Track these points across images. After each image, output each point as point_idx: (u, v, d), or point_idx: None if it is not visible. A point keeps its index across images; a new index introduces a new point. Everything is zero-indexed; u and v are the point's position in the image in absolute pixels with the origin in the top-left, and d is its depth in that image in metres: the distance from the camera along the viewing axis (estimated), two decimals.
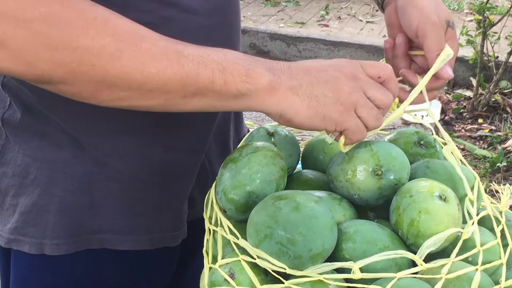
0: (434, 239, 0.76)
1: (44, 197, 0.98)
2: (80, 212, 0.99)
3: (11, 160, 1.00)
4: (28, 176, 0.99)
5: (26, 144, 0.98)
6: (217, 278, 0.78)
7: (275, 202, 0.76)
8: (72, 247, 1.00)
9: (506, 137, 3.64)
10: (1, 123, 1.00)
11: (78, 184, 0.98)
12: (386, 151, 0.84)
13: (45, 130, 0.96)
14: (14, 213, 1.01)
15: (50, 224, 0.99)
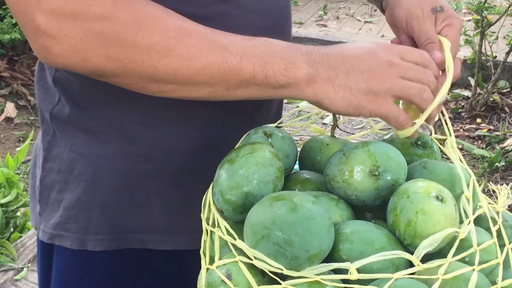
0: (431, 240, 0.76)
1: (87, 193, 1.00)
2: (122, 210, 1.01)
3: (58, 156, 1.03)
4: (73, 171, 1.01)
5: (73, 139, 1.01)
6: (214, 279, 0.78)
7: (272, 203, 0.76)
8: (114, 244, 1.02)
9: (505, 136, 3.65)
10: (50, 118, 1.03)
11: (121, 181, 1.00)
12: (383, 152, 0.84)
13: (92, 125, 0.99)
14: (59, 209, 1.03)
15: (93, 220, 1.01)
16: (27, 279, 2.40)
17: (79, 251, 1.02)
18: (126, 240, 1.02)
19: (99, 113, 0.98)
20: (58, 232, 1.03)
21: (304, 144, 0.99)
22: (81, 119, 0.99)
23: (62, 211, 1.02)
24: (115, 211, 1.01)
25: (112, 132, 0.98)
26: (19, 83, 4.09)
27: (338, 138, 0.99)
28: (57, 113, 1.01)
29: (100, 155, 0.99)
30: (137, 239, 1.02)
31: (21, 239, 2.56)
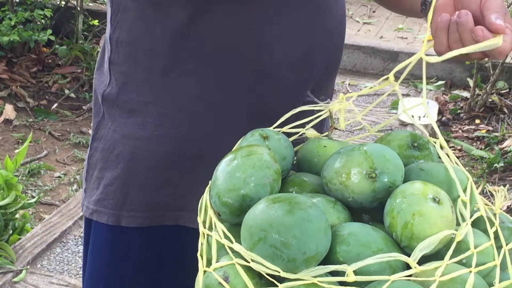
0: (428, 242, 0.75)
1: (126, 172, 1.07)
2: (157, 189, 1.07)
3: (103, 136, 1.10)
4: (114, 151, 1.08)
5: (118, 121, 1.08)
6: (211, 282, 0.78)
7: (269, 205, 0.76)
8: (147, 221, 1.08)
9: (503, 137, 3.65)
10: (101, 100, 1.10)
11: (157, 162, 1.06)
12: (380, 154, 0.84)
13: (135, 107, 1.06)
14: (99, 186, 1.10)
15: (129, 198, 1.07)
16: (25, 282, 2.40)
17: (115, 226, 1.09)
18: (160, 217, 1.08)
19: (141, 95, 1.05)
20: (98, 208, 1.10)
21: (301, 147, 0.99)
22: (126, 101, 1.06)
23: (102, 188, 1.10)
24: (150, 189, 1.07)
25: (150, 115, 1.05)
26: (18, 85, 4.09)
27: (335, 140, 0.99)
28: (107, 95, 1.09)
29: (138, 137, 1.06)
30: (170, 216, 1.07)
31: (19, 241, 2.56)
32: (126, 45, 1.06)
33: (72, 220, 2.71)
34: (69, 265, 2.50)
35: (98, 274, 1.14)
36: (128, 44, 1.05)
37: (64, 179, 3.33)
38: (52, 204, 3.12)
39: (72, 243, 2.63)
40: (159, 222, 1.08)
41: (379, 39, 4.74)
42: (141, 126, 1.06)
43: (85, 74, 4.24)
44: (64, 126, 3.87)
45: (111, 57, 1.08)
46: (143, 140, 1.06)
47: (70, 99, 4.16)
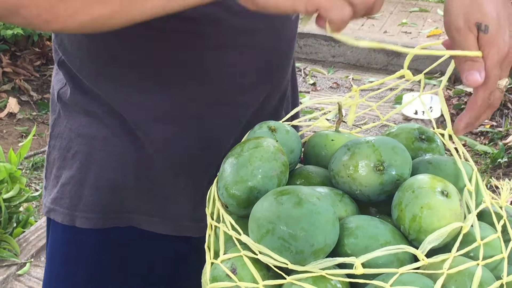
0: (436, 234, 0.75)
1: (81, 171, 1.05)
2: (113, 190, 1.05)
3: (59, 134, 1.08)
4: (70, 150, 1.06)
5: (73, 119, 1.06)
6: (219, 274, 0.78)
7: (277, 198, 0.76)
8: (101, 222, 1.06)
9: (507, 132, 3.64)
10: (56, 98, 1.08)
11: (113, 163, 1.04)
12: (387, 147, 0.84)
13: (89, 108, 1.03)
14: (57, 185, 1.09)
15: (84, 198, 1.05)
16: (30, 274, 2.40)
17: (69, 227, 1.06)
18: (114, 219, 1.06)
19: (95, 96, 1.02)
20: (54, 206, 1.08)
21: (308, 139, 0.99)
22: (80, 101, 1.04)
23: (59, 187, 1.08)
24: (106, 190, 1.05)
25: (106, 115, 1.03)
26: (22, 78, 4.09)
27: (343, 133, 0.99)
28: (62, 94, 1.07)
29: (94, 136, 1.04)
30: (124, 218, 1.05)
31: (23, 234, 2.56)
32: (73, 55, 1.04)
33: None
34: None
35: (55, 273, 1.12)
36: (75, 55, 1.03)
37: None
38: None
39: None
40: (113, 224, 1.06)
41: (383, 33, 4.73)
42: (97, 126, 1.04)
43: None
44: None
45: (60, 58, 1.06)
46: (99, 139, 1.04)
47: None
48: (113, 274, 1.10)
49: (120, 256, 1.09)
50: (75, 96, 1.05)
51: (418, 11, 5.22)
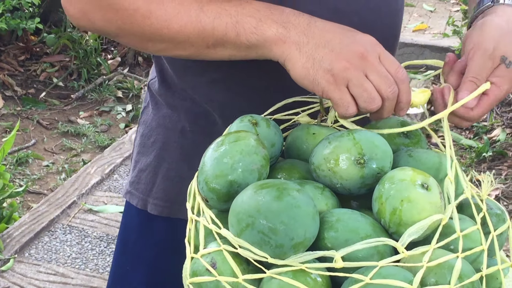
0: (416, 227, 0.75)
1: (157, 160, 1.13)
2: (180, 182, 1.09)
3: (145, 121, 1.17)
4: (150, 138, 1.14)
5: (157, 109, 1.14)
6: (199, 268, 0.78)
7: (257, 191, 0.76)
8: (166, 211, 1.13)
9: (492, 127, 3.66)
10: (147, 88, 1.18)
11: (184, 156, 1.10)
12: (368, 140, 0.84)
13: (171, 101, 1.10)
14: (135, 169, 1.17)
15: (156, 185, 1.13)
16: (13, 270, 2.39)
17: (143, 211, 1.14)
18: (176, 210, 1.11)
19: (179, 90, 1.08)
20: (131, 189, 1.17)
21: (290, 133, 0.99)
22: (164, 94, 1.11)
23: (137, 172, 1.16)
24: (175, 181, 1.11)
25: (184, 110, 1.09)
26: (6, 73, 4.06)
27: (324, 127, 0.98)
28: (151, 85, 1.16)
29: (172, 128, 1.11)
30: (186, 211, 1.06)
31: (7, 230, 2.55)
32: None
33: (60, 209, 2.70)
34: (57, 253, 2.49)
35: (128, 253, 1.21)
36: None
37: (52, 168, 3.32)
38: (40, 193, 3.10)
39: (60, 232, 2.62)
40: (176, 215, 1.11)
41: None
42: (175, 118, 1.10)
43: (73, 62, 4.21)
44: (52, 115, 3.85)
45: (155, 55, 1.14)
46: (176, 131, 1.11)
47: (59, 88, 4.13)
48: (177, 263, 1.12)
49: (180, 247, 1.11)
50: (161, 88, 1.12)
51: (404, 6, 5.23)
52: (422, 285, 0.73)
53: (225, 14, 0.88)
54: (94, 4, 0.92)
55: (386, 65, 0.86)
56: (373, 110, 0.86)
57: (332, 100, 0.85)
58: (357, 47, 0.85)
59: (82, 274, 2.39)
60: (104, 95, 4.06)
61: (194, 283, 0.78)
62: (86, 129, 3.68)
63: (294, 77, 0.86)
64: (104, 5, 0.91)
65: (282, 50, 0.86)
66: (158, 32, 0.91)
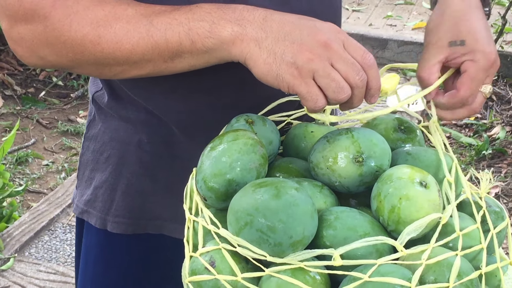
0: (415, 225, 0.75)
1: (114, 176, 1.07)
2: (143, 197, 1.06)
3: (94, 136, 1.11)
4: (104, 153, 1.08)
5: (107, 123, 1.08)
6: (198, 267, 0.78)
7: (256, 190, 0.76)
8: (131, 228, 1.08)
9: (492, 124, 3.66)
10: (92, 101, 1.11)
11: (145, 170, 1.05)
12: (366, 138, 0.84)
13: (124, 113, 1.05)
14: (90, 186, 1.11)
15: (115, 203, 1.07)
16: (13, 269, 2.39)
17: (103, 230, 1.09)
18: (144, 225, 1.07)
19: (132, 102, 1.03)
20: (87, 208, 1.10)
21: (288, 132, 0.99)
22: (116, 106, 1.05)
23: (92, 190, 1.10)
24: (136, 196, 1.06)
25: (140, 122, 1.03)
26: (5, 73, 4.06)
27: (322, 125, 0.98)
28: (97, 98, 1.09)
29: (128, 142, 1.05)
30: (155, 225, 1.06)
31: (7, 230, 2.55)
32: None
33: (60, 208, 2.70)
34: (57, 253, 2.49)
35: (89, 272, 1.15)
36: None
37: (52, 167, 3.32)
38: (40, 192, 3.10)
39: (60, 231, 2.62)
40: (143, 230, 1.08)
41: (368, 26, 4.73)
42: (131, 131, 1.05)
43: None
44: (52, 114, 3.85)
45: None
46: (132, 145, 1.05)
47: (58, 87, 4.13)
48: (143, 279, 1.11)
49: (151, 262, 1.09)
50: (110, 101, 1.06)
51: (403, 4, 5.23)
52: (421, 283, 0.72)
53: (176, 24, 0.83)
54: (40, 39, 0.86)
55: (352, 51, 0.80)
56: (343, 100, 0.80)
57: (299, 94, 0.80)
58: (319, 36, 0.79)
59: None
60: None
61: (193, 281, 0.78)
62: (85, 128, 3.67)
63: (257, 74, 0.81)
64: (51, 38, 0.85)
65: (241, 49, 0.81)
66: (111, 55, 0.85)
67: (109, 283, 1.13)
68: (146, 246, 1.09)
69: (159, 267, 1.10)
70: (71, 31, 0.84)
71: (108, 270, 1.13)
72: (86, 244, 1.15)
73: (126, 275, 1.12)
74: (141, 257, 1.10)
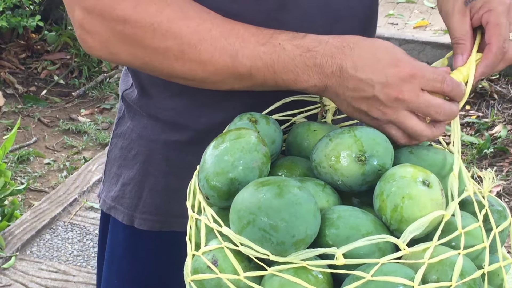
0: (417, 224, 0.75)
1: (141, 173, 1.09)
2: (170, 194, 1.07)
3: (122, 133, 1.12)
4: (132, 150, 1.10)
5: (136, 121, 1.09)
6: (200, 266, 0.78)
7: (258, 188, 0.76)
8: (157, 225, 1.09)
9: (493, 123, 3.66)
10: (122, 99, 1.13)
11: (170, 168, 1.06)
12: (369, 137, 0.84)
13: (153, 112, 1.06)
14: (117, 183, 1.12)
15: (142, 200, 1.09)
16: (15, 268, 2.39)
17: (129, 227, 1.10)
18: (170, 223, 1.08)
19: (160, 101, 1.05)
20: (115, 204, 1.12)
21: (291, 130, 0.98)
22: (145, 105, 1.07)
23: (120, 186, 1.11)
24: (163, 194, 1.08)
25: (168, 121, 1.05)
26: (7, 71, 4.06)
27: (325, 124, 0.98)
28: (127, 95, 1.10)
29: (155, 140, 1.06)
30: (181, 223, 1.05)
31: (9, 228, 2.55)
32: None
33: (61, 207, 2.70)
34: (59, 251, 2.50)
35: (115, 267, 1.17)
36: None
37: (54, 166, 3.32)
38: (42, 191, 3.11)
39: (61, 230, 2.62)
40: (169, 228, 1.09)
41: None
42: (159, 129, 1.06)
43: (74, 60, 4.21)
44: (54, 112, 3.85)
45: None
46: (159, 143, 1.06)
47: (60, 86, 4.13)
48: (168, 275, 1.11)
49: (176, 259, 1.09)
50: (140, 99, 1.07)
51: (405, 2, 5.22)
52: (424, 282, 0.72)
53: (262, 64, 0.87)
54: (118, 38, 0.88)
55: (429, 88, 0.85)
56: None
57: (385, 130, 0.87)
58: (391, 92, 0.84)
59: (83, 272, 2.40)
60: (105, 93, 4.06)
61: (195, 280, 0.78)
62: (87, 126, 3.68)
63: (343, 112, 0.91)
64: (130, 40, 0.88)
65: (324, 95, 0.91)
66: (192, 72, 0.89)
67: (134, 279, 1.15)
68: (172, 243, 1.10)
69: (183, 264, 1.11)
70: (154, 40, 0.87)
71: (134, 266, 1.14)
72: (112, 240, 1.17)
73: (151, 271, 1.13)
74: (167, 254, 1.11)
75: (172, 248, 1.10)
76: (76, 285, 2.33)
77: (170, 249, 1.11)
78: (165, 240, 1.10)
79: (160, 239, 1.10)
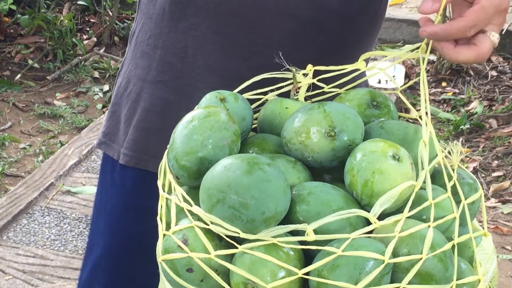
0: (387, 196, 0.75)
1: (130, 111, 1.14)
2: (150, 134, 1.12)
3: (123, 72, 1.17)
4: (127, 89, 1.15)
5: (133, 60, 1.14)
6: (171, 245, 0.77)
7: (227, 166, 0.75)
8: (133, 161, 1.13)
9: (469, 99, 3.68)
10: (130, 36, 1.17)
11: (153, 106, 1.11)
12: (339, 112, 0.83)
13: (145, 50, 1.11)
14: (111, 119, 1.18)
15: (128, 136, 1.14)
16: None
17: (116, 161, 1.15)
18: (145, 161, 1.12)
19: (152, 39, 1.09)
20: (105, 140, 1.18)
21: (263, 108, 0.98)
22: (142, 41, 1.12)
23: (113, 122, 1.17)
24: (144, 132, 1.12)
25: (156, 60, 1.09)
26: None
27: (297, 101, 0.97)
28: (132, 32, 1.16)
29: (144, 79, 1.11)
30: (155, 163, 1.07)
31: None
32: None
33: (38, 191, 2.68)
34: (36, 236, 2.48)
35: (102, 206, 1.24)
36: None
37: (29, 150, 3.29)
38: (17, 176, 3.08)
39: (38, 214, 2.60)
40: (144, 166, 1.12)
41: None
42: (147, 69, 1.11)
43: (48, 43, 4.16)
44: (28, 97, 3.81)
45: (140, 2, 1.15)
46: (147, 82, 1.11)
47: (34, 70, 4.08)
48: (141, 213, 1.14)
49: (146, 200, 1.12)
50: (140, 35, 1.12)
51: None
52: (395, 256, 0.72)
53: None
54: None
55: None
56: None
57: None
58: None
59: (61, 256, 2.38)
60: (81, 76, 4.02)
61: (166, 260, 0.78)
62: (63, 110, 3.64)
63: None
64: None
65: None
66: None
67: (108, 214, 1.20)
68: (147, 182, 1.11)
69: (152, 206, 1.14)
70: None
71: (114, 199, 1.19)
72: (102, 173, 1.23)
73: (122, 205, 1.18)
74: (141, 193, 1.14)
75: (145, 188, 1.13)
76: (54, 269, 2.32)
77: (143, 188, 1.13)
78: (140, 179, 1.14)
79: (137, 177, 1.14)
